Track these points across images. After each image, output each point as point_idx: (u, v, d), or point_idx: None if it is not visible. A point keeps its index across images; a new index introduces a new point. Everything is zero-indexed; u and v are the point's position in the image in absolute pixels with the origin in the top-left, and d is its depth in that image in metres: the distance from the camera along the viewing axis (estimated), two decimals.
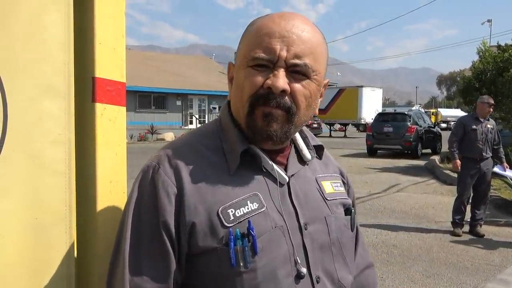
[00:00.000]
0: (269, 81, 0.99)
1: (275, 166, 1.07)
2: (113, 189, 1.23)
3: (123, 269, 0.98)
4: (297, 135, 1.17)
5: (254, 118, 1.02)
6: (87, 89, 1.19)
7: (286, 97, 1.01)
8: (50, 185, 1.07)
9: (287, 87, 1.00)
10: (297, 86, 1.02)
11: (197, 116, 34.50)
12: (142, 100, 33.35)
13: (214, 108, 34.16)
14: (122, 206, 1.26)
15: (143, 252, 0.99)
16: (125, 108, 1.28)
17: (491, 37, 35.16)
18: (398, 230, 6.75)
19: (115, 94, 1.24)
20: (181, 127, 34.13)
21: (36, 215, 1.05)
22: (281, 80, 0.99)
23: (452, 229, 6.68)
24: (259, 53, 1.01)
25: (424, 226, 7.13)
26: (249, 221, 0.99)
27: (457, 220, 6.65)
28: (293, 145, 1.16)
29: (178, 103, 35.68)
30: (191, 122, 35.07)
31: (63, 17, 1.09)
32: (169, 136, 26.40)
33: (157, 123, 29.05)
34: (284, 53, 1.00)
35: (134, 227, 1.00)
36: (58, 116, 1.09)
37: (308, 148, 1.18)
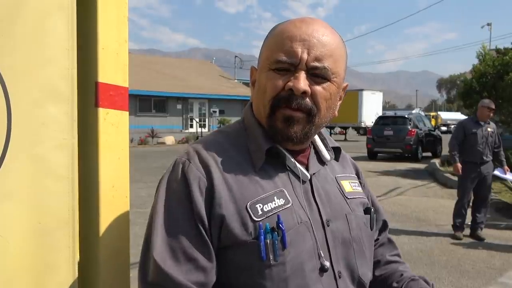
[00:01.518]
0: (290, 83, 1.04)
1: (297, 164, 1.11)
2: (116, 194, 1.24)
3: (158, 263, 0.97)
4: (316, 137, 1.21)
5: (274, 120, 1.07)
6: (90, 94, 1.19)
7: (307, 99, 1.05)
8: (53, 189, 1.08)
9: (307, 88, 1.04)
10: (318, 88, 1.06)
11: (197, 120, 34.47)
12: (143, 104, 33.36)
13: (215, 111, 34.16)
14: (125, 211, 1.27)
15: (180, 244, 0.99)
16: (127, 112, 1.28)
17: (491, 40, 35.17)
18: (398, 233, 6.74)
19: (118, 99, 1.25)
20: (181, 131, 34.11)
21: (40, 219, 1.05)
22: (302, 82, 1.03)
23: (452, 232, 6.67)
24: (282, 56, 1.05)
25: (425, 229, 7.12)
26: (278, 216, 1.02)
27: (457, 224, 6.65)
28: (312, 146, 1.20)
29: (179, 106, 35.68)
30: (191, 126, 35.05)
31: (67, 22, 1.10)
32: (170, 140, 26.38)
33: (157, 127, 29.06)
34: (305, 56, 1.04)
35: (167, 221, 1.01)
36: (62, 120, 1.09)
37: (326, 149, 1.22)
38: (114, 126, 1.24)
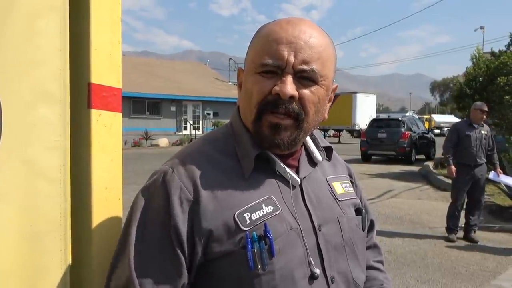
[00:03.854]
0: (277, 87, 1.00)
1: (287, 169, 1.08)
2: (109, 196, 1.23)
3: (129, 272, 0.97)
4: (307, 137, 1.18)
5: (261, 126, 1.04)
6: (82, 95, 1.18)
7: (294, 103, 1.01)
8: (45, 192, 1.06)
9: (295, 93, 1.00)
10: (305, 92, 1.02)
11: (191, 122, 34.42)
12: (136, 105, 33.30)
13: (208, 114, 34.12)
14: (118, 213, 1.25)
15: (151, 256, 0.98)
16: (120, 114, 1.27)
17: (484, 43, 35.36)
18: (392, 236, 6.76)
19: (111, 100, 1.24)
20: (175, 133, 34.06)
21: (31, 222, 1.04)
22: (288, 86, 0.99)
23: (446, 235, 6.69)
24: (267, 59, 1.01)
25: (419, 232, 7.14)
26: (265, 224, 0.99)
27: (451, 226, 6.67)
28: (303, 147, 1.17)
29: (173, 109, 35.63)
30: (185, 128, 34.99)
31: (59, 23, 1.09)
32: (163, 142, 26.32)
33: (151, 129, 28.96)
34: (291, 59, 1.00)
35: (140, 232, 0.99)
36: (54, 122, 1.08)
37: (318, 149, 1.19)
38: (107, 128, 1.23)
